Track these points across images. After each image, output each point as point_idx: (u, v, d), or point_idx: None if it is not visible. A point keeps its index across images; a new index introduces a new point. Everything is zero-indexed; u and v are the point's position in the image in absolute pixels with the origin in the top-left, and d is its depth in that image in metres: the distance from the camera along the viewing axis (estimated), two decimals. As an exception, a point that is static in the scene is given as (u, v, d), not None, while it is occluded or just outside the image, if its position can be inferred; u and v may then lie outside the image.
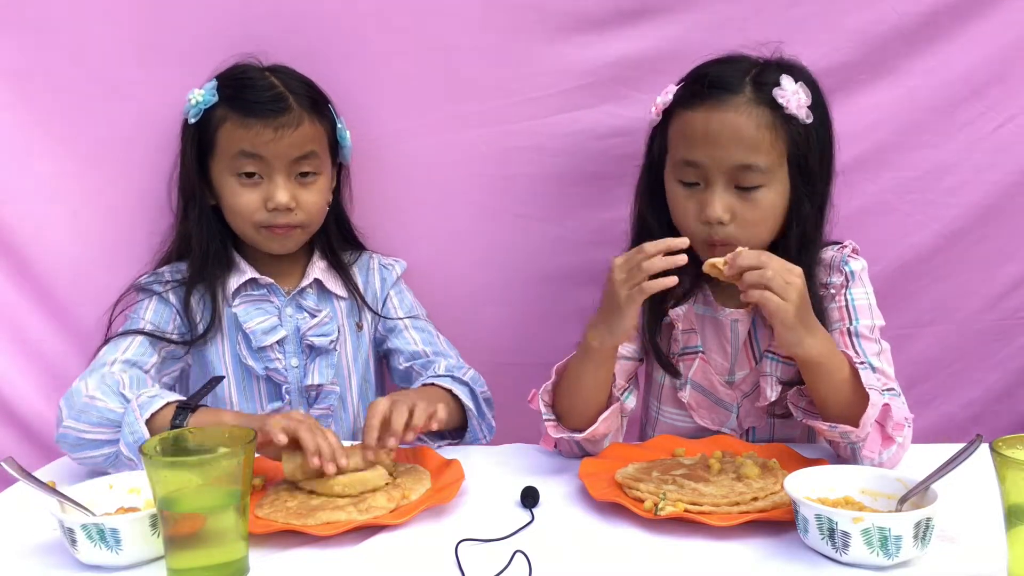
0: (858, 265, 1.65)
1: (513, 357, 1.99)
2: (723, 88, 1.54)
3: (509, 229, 1.99)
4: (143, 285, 1.79)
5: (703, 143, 1.54)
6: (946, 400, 2.10)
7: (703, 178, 1.56)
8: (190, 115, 1.76)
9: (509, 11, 1.86)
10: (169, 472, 1.17)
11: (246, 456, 1.19)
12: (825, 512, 1.17)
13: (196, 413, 1.52)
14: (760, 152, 1.52)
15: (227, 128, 1.73)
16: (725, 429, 1.69)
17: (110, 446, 1.51)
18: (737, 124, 1.52)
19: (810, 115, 1.55)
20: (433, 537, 1.30)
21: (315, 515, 1.33)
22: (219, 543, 1.19)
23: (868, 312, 1.62)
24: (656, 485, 1.37)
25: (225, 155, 1.74)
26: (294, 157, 1.74)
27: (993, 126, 1.94)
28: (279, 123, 1.72)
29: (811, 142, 1.56)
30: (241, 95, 1.74)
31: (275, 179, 1.73)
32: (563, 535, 1.31)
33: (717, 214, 1.54)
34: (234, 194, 1.75)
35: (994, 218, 1.99)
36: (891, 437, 1.45)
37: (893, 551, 1.15)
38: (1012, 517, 1.10)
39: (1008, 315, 2.05)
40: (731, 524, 1.26)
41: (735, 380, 1.69)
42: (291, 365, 1.81)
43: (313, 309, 1.83)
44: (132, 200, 1.91)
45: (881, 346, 1.62)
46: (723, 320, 1.69)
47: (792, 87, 1.53)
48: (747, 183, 1.54)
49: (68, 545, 1.25)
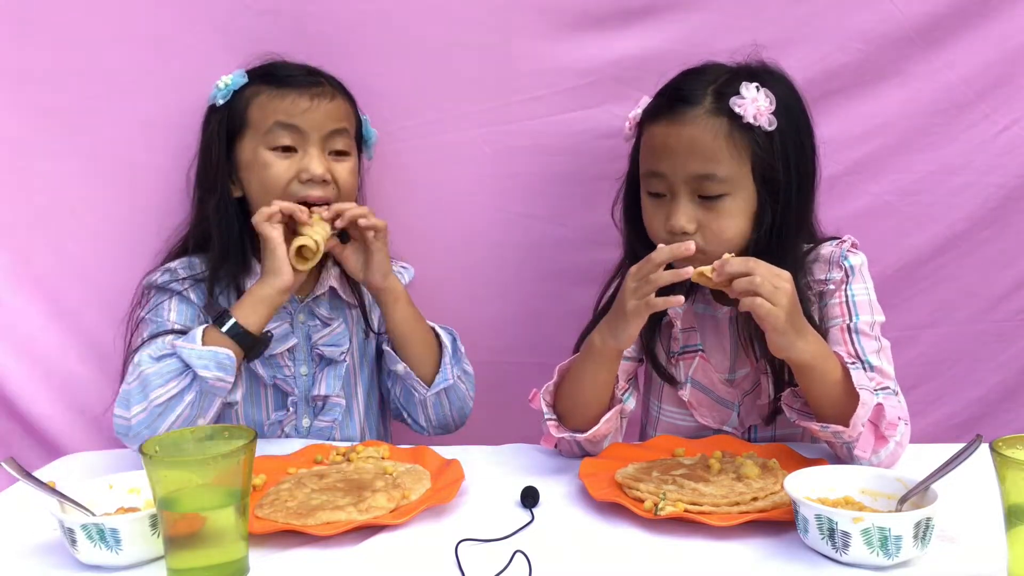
0: (857, 260, 1.65)
1: (513, 356, 2.00)
2: (683, 101, 1.58)
3: (510, 229, 2.00)
4: (160, 284, 1.76)
5: (664, 155, 1.58)
6: (947, 402, 2.11)
7: (668, 189, 1.59)
8: (218, 98, 1.76)
9: (510, 10, 1.87)
10: (169, 472, 1.17)
11: (246, 456, 1.19)
12: (825, 512, 1.18)
13: (234, 308, 1.63)
14: (719, 162, 1.55)
15: (260, 101, 1.73)
16: (727, 427, 1.71)
17: (189, 390, 1.55)
18: (693, 136, 1.55)
19: (773, 121, 1.56)
20: (433, 537, 1.31)
21: (315, 515, 1.34)
22: (219, 543, 1.19)
23: (868, 308, 1.63)
24: (656, 485, 1.38)
25: (259, 129, 1.73)
26: (329, 130, 1.74)
27: (997, 129, 1.95)
28: (314, 92, 1.73)
29: (775, 148, 1.57)
30: (273, 71, 1.77)
31: (310, 151, 1.72)
32: (563, 535, 1.32)
33: (680, 224, 1.56)
34: (267, 166, 1.72)
35: (996, 221, 2.00)
36: (885, 436, 1.47)
37: (893, 551, 1.16)
38: (1012, 517, 1.11)
39: (1010, 316, 2.06)
40: (731, 524, 1.27)
41: (735, 378, 1.71)
42: (300, 373, 1.80)
43: (326, 317, 1.82)
44: (135, 198, 1.92)
45: (880, 343, 1.63)
46: (721, 318, 1.71)
47: (751, 95, 1.55)
48: (709, 192, 1.56)
49: (68, 545, 1.26)
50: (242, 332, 1.61)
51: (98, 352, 1.92)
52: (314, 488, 1.45)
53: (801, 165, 1.61)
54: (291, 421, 1.80)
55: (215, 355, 1.56)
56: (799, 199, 1.61)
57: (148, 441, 1.22)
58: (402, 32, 1.87)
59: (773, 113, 1.56)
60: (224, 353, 1.57)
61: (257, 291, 1.64)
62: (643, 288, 1.45)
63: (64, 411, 1.97)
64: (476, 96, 1.92)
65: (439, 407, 1.79)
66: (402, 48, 1.88)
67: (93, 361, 1.95)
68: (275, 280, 1.63)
